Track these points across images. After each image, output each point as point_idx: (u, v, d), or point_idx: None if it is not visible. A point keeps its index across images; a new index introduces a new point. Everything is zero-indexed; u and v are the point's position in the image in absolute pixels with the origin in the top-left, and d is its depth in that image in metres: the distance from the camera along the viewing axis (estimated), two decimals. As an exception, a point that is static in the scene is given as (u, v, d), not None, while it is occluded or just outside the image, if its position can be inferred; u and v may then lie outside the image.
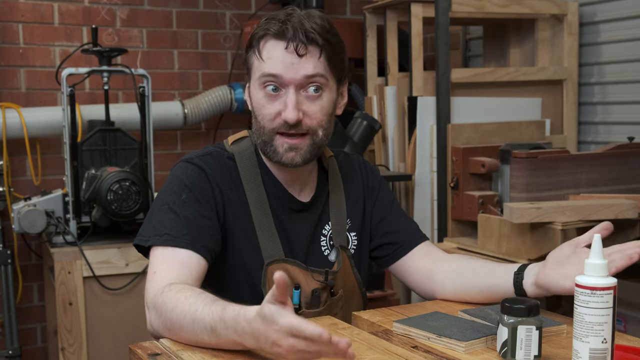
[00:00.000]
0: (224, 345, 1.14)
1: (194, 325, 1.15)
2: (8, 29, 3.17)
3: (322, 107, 1.38)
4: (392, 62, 2.90)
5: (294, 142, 1.37)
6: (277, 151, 1.39)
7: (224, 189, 1.41)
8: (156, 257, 1.33)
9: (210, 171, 1.41)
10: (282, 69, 1.34)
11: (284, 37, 1.34)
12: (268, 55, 1.35)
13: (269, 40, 1.36)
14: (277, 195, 1.46)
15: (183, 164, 1.43)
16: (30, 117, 3.02)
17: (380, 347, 1.20)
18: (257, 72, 1.38)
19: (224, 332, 1.10)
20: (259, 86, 1.38)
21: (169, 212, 1.36)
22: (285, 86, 1.35)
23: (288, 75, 1.34)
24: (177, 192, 1.38)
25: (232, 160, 1.45)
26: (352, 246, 1.54)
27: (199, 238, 1.34)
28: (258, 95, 1.38)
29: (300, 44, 1.33)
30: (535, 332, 1.11)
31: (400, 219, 1.59)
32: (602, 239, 1.07)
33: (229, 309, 1.10)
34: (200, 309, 1.14)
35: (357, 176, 1.59)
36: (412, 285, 1.55)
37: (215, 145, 1.49)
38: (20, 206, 2.69)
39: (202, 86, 3.54)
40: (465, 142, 2.47)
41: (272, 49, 1.35)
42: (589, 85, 2.90)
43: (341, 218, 1.52)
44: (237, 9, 3.59)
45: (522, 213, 1.92)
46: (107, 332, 2.68)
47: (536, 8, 2.79)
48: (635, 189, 2.21)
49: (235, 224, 1.41)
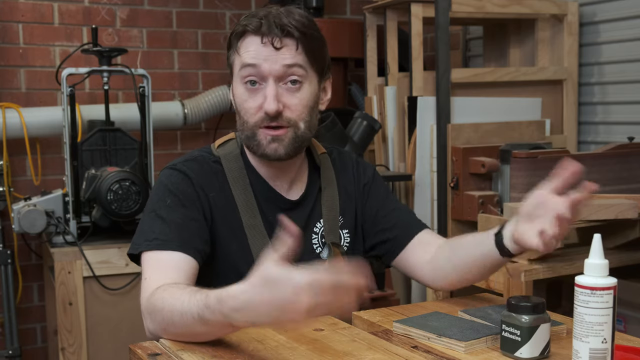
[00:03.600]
0: (216, 332, 1.15)
1: (183, 318, 1.15)
2: (8, 29, 3.17)
3: (302, 99, 1.38)
4: (392, 62, 2.90)
5: (276, 133, 1.38)
6: (261, 144, 1.39)
7: (209, 192, 1.41)
8: (147, 263, 1.33)
9: (194, 175, 1.41)
10: (259, 60, 1.35)
11: (259, 32, 1.35)
12: (246, 49, 1.37)
13: (247, 37, 1.37)
14: (265, 195, 1.46)
15: (166, 170, 1.44)
16: (30, 117, 3.02)
17: (380, 347, 1.20)
18: (237, 67, 1.39)
19: (212, 317, 1.10)
20: (240, 81, 1.39)
21: (156, 219, 1.36)
22: (265, 78, 1.36)
23: (266, 65, 1.35)
24: (162, 199, 1.38)
25: (219, 164, 1.45)
26: (345, 244, 1.53)
27: (188, 240, 1.34)
28: (239, 90, 1.40)
29: (276, 37, 1.34)
30: (545, 327, 1.13)
31: (394, 212, 1.56)
32: (583, 201, 1.06)
33: (211, 294, 1.10)
34: (187, 301, 1.14)
35: (350, 173, 1.58)
36: (417, 277, 1.53)
37: (200, 150, 1.50)
38: (20, 206, 2.69)
39: (202, 86, 3.54)
40: (465, 142, 2.47)
41: (249, 44, 1.37)
42: (589, 85, 2.90)
43: (333, 215, 1.51)
44: (237, 9, 3.59)
45: (522, 213, 1.92)
46: (107, 332, 2.68)
47: (536, 8, 2.79)
48: (635, 189, 2.21)
49: (224, 227, 1.41)
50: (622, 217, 1.93)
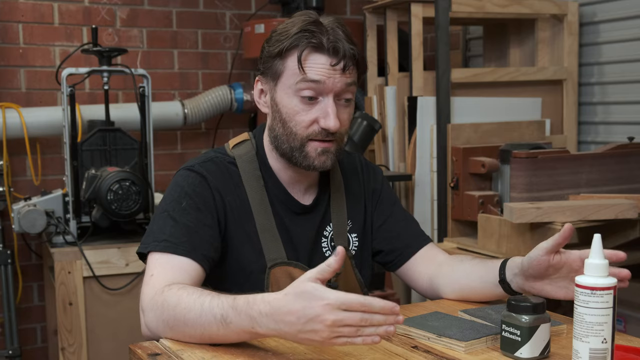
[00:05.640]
0: (231, 336, 1.15)
1: (201, 318, 1.15)
2: (8, 29, 3.17)
3: (350, 114, 1.43)
4: (392, 62, 2.90)
5: (326, 145, 1.40)
6: (309, 156, 1.40)
7: (225, 194, 1.41)
8: (154, 262, 1.33)
9: (211, 178, 1.41)
10: (325, 77, 1.36)
11: (328, 53, 1.36)
12: (310, 65, 1.36)
13: (312, 53, 1.36)
14: (279, 198, 1.47)
15: (184, 171, 1.43)
16: (30, 117, 3.02)
17: (380, 347, 1.20)
18: (292, 78, 1.37)
19: (236, 319, 1.11)
20: (294, 92, 1.38)
21: (168, 219, 1.36)
22: (325, 94, 1.37)
23: (329, 82, 1.36)
24: (177, 200, 1.38)
25: (234, 165, 1.46)
26: (353, 247, 1.54)
27: (198, 246, 1.34)
28: (292, 101, 1.38)
29: (342, 60, 1.36)
30: (545, 327, 1.13)
31: (402, 222, 1.59)
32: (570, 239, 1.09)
33: (240, 297, 1.13)
34: (208, 301, 1.16)
35: (358, 177, 1.59)
36: (418, 289, 1.57)
37: (216, 150, 1.50)
38: (20, 206, 2.69)
39: (202, 86, 3.54)
40: (465, 142, 2.47)
41: (315, 61, 1.36)
42: (589, 85, 2.90)
43: (342, 219, 1.53)
44: (237, 9, 3.59)
45: (522, 213, 1.92)
46: (107, 332, 2.68)
47: (536, 8, 2.79)
48: (635, 189, 2.21)
49: (238, 229, 1.42)
50: (622, 217, 1.93)
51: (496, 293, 1.40)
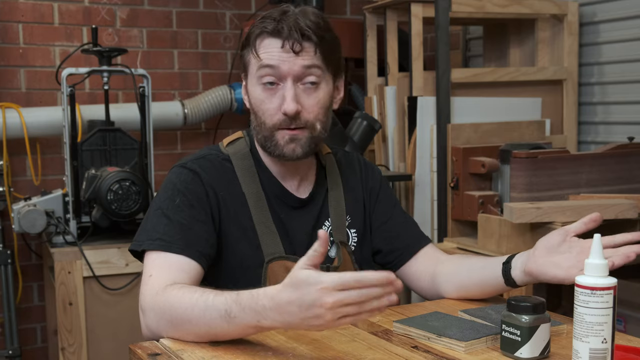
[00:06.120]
0: (236, 332, 1.15)
1: (205, 314, 1.16)
2: (8, 29, 3.17)
3: (319, 100, 1.40)
4: (392, 62, 2.90)
5: (294, 132, 1.39)
6: (278, 144, 1.39)
7: (219, 190, 1.42)
8: (151, 262, 1.33)
9: (204, 174, 1.41)
10: (279, 61, 1.36)
11: (279, 36, 1.36)
12: (265, 50, 1.37)
13: (265, 38, 1.38)
14: (275, 193, 1.47)
15: (177, 168, 1.44)
16: (30, 117, 3.02)
17: (380, 347, 1.20)
18: (254, 67, 1.39)
19: (241, 314, 1.12)
20: (257, 81, 1.39)
21: (162, 217, 1.36)
22: (283, 79, 1.37)
23: (285, 66, 1.36)
24: (171, 197, 1.39)
25: (229, 162, 1.46)
26: (353, 243, 1.54)
27: (193, 243, 1.34)
28: (256, 91, 1.40)
29: (296, 42, 1.35)
30: (545, 327, 1.13)
31: (401, 223, 1.59)
32: (592, 230, 1.08)
33: (243, 292, 1.13)
34: (212, 298, 1.16)
35: (357, 175, 1.59)
36: (417, 290, 1.57)
37: (210, 148, 1.50)
38: (20, 206, 2.69)
39: (202, 86, 3.54)
40: (465, 142, 2.47)
41: (268, 46, 1.37)
42: (589, 85, 2.90)
43: (340, 214, 1.52)
44: (237, 9, 3.59)
45: (522, 213, 1.92)
46: (107, 332, 2.68)
47: (536, 8, 2.79)
48: (635, 189, 2.21)
49: (233, 225, 1.42)
50: (622, 217, 1.93)
51: (497, 283, 1.38)
